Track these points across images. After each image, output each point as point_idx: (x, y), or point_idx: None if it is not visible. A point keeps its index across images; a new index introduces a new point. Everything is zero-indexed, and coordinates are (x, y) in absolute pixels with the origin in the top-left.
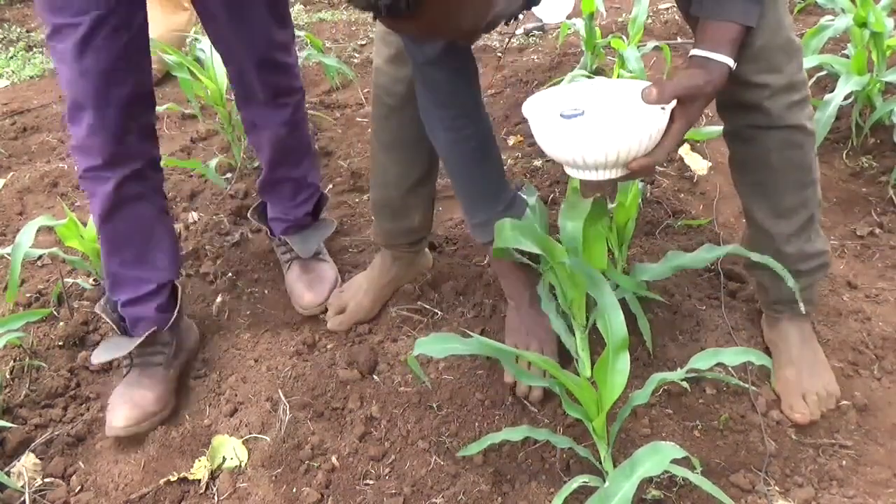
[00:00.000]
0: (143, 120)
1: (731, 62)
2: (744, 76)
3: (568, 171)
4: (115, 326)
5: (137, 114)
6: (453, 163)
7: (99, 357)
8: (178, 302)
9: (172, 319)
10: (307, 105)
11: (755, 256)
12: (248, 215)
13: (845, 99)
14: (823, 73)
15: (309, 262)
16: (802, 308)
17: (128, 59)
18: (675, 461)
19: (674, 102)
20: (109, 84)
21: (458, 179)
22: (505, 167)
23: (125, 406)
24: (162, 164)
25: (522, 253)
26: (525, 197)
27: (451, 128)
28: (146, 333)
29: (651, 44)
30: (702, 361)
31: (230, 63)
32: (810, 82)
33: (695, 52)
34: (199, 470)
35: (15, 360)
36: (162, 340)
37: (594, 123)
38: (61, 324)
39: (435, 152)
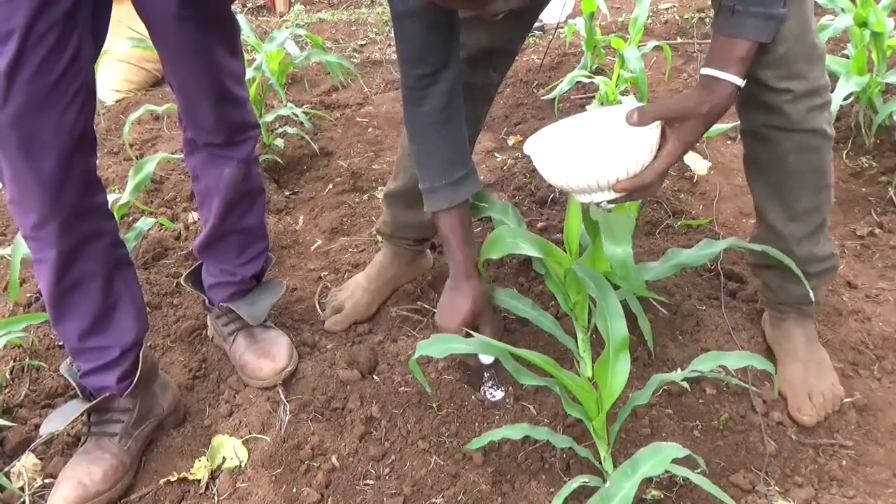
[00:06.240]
0: (83, 166)
1: (738, 81)
2: (765, 81)
3: (573, 196)
4: (80, 392)
5: (76, 160)
6: (408, 123)
7: (48, 426)
8: (139, 366)
9: (132, 385)
10: (307, 105)
11: (767, 250)
12: (182, 282)
13: (845, 99)
14: None
15: (255, 329)
16: (816, 311)
17: (61, 95)
18: (675, 461)
19: (657, 124)
20: (39, 127)
21: (411, 141)
22: (505, 167)
23: (67, 485)
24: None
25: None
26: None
27: (415, 86)
28: (95, 400)
29: (651, 43)
30: (704, 364)
31: (183, 96)
32: None
33: (704, 70)
34: (199, 470)
35: (15, 360)
36: (120, 407)
37: (570, 150)
38: None
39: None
